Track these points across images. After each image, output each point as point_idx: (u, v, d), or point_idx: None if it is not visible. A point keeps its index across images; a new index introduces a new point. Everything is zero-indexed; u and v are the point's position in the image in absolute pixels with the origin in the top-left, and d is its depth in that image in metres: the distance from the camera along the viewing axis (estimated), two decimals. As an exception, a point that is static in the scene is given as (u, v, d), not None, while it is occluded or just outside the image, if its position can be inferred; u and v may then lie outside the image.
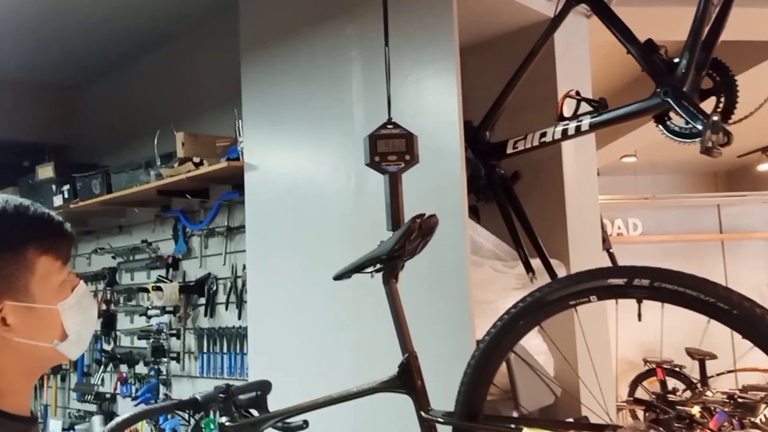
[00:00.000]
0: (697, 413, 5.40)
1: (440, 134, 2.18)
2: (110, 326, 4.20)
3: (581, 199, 2.57)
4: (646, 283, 1.30)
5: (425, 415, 1.60)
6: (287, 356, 2.68)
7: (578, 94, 2.07)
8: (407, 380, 1.64)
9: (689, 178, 9.18)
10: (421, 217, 1.67)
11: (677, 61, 1.82)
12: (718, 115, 1.70)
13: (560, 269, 2.39)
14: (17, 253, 1.12)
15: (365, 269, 1.71)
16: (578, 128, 2.02)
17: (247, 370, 3.09)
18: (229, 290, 3.43)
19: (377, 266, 1.70)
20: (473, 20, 2.45)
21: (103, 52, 4.08)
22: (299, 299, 2.64)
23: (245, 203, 2.92)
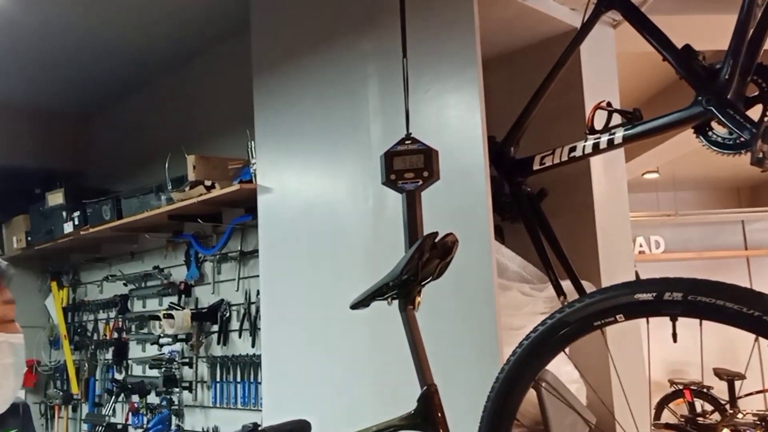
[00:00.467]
0: (728, 436, 5.22)
1: (463, 151, 2.07)
2: (122, 355, 4.12)
3: (612, 216, 2.45)
4: (679, 297, 1.14)
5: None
6: (303, 388, 2.56)
7: (610, 105, 1.95)
8: (426, 415, 1.51)
9: (712, 193, 9.00)
10: (434, 235, 1.54)
11: (719, 67, 1.69)
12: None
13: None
14: None
15: (380, 296, 1.58)
16: (611, 141, 1.89)
17: (261, 400, 2.97)
18: (242, 317, 3.32)
19: (393, 292, 1.57)
20: (495, 32, 2.36)
21: (114, 77, 4.06)
22: (315, 328, 2.53)
23: (258, 227, 2.83)
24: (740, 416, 6.35)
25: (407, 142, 1.75)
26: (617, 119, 1.95)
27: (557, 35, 2.42)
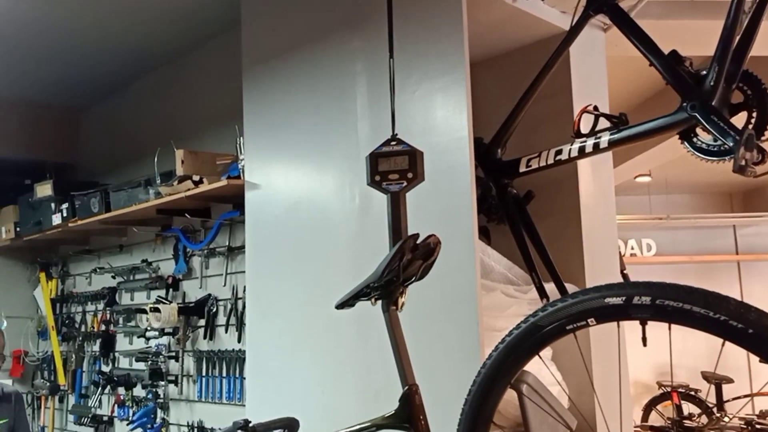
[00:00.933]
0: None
1: (449, 152, 2.06)
2: (109, 347, 4.12)
3: (598, 220, 2.45)
4: (647, 301, 1.12)
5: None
6: (287, 385, 2.56)
7: (596, 109, 1.95)
8: (407, 415, 1.51)
9: (704, 198, 9.02)
10: (415, 237, 1.54)
11: (705, 73, 1.69)
12: (751, 130, 1.57)
13: (576, 294, 2.26)
14: None
15: (364, 297, 1.58)
16: (596, 145, 1.90)
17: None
18: (229, 312, 3.31)
19: (376, 293, 1.57)
20: (485, 33, 2.35)
21: (105, 71, 4.05)
22: (300, 325, 2.52)
23: (245, 223, 2.82)
24: (726, 420, 6.38)
25: (392, 143, 1.75)
26: (604, 123, 1.95)
27: (547, 38, 2.41)
